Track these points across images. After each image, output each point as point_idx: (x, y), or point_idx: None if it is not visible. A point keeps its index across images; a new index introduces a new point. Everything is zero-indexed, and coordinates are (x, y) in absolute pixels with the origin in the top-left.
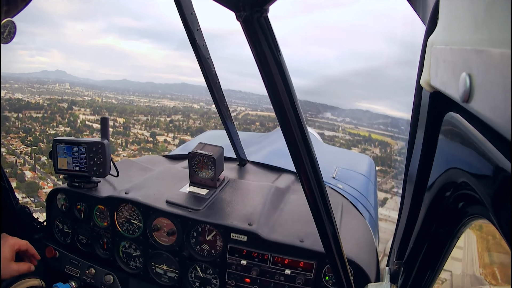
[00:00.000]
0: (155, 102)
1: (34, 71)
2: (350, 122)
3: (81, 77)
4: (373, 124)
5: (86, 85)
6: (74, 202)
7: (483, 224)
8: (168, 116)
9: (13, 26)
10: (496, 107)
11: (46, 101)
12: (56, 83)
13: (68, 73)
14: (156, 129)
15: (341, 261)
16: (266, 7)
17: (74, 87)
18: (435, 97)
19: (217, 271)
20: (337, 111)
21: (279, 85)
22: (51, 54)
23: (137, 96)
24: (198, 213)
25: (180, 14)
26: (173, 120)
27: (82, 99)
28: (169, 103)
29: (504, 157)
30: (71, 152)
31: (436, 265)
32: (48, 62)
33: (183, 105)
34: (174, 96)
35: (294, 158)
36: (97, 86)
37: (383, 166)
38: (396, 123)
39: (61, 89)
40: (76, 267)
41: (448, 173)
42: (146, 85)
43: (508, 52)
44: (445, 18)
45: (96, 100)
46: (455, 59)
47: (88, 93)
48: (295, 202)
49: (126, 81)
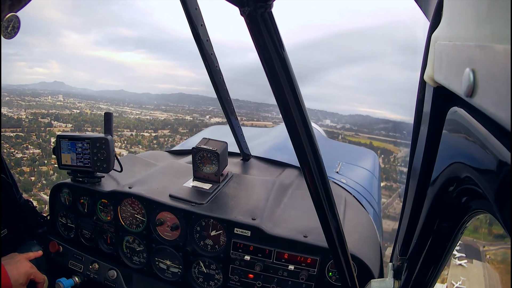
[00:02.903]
0: (147, 114)
1: (33, 82)
2: (350, 129)
3: (79, 88)
4: (374, 130)
5: (83, 96)
6: (78, 196)
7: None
8: (154, 131)
9: (17, 21)
10: (499, 102)
11: (29, 116)
12: (49, 95)
13: (67, 84)
14: (137, 147)
15: (344, 256)
16: (270, 3)
17: (69, 98)
18: (438, 92)
19: (221, 267)
20: (337, 118)
21: (283, 80)
22: (49, 65)
23: (131, 108)
24: (201, 207)
25: (184, 9)
26: (158, 136)
27: (70, 112)
28: (161, 115)
29: (508, 151)
30: (74, 148)
31: (439, 260)
32: (47, 73)
33: (175, 117)
34: (168, 108)
35: (298, 153)
36: (94, 97)
37: (388, 181)
38: (397, 127)
39: (53, 101)
40: (80, 262)
41: (451, 168)
42: (142, 96)
43: (511, 47)
44: (449, 13)
45: (85, 113)
46: (458, 54)
47: (80, 105)
48: (298, 197)
49: (123, 92)
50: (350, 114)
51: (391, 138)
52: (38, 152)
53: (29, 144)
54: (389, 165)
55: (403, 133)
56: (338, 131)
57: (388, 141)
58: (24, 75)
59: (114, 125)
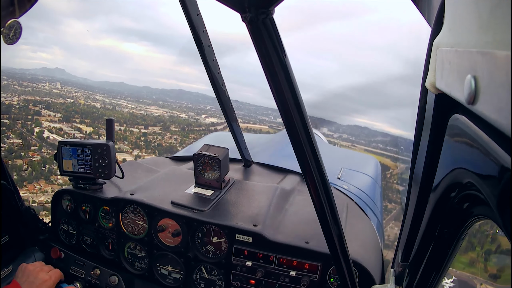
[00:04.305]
0: (142, 109)
1: (35, 67)
2: (347, 139)
3: (79, 77)
4: (371, 142)
5: (81, 85)
6: (79, 203)
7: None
8: (145, 127)
9: (19, 27)
10: (501, 109)
11: (21, 102)
12: (48, 82)
13: (68, 72)
14: (122, 143)
15: (346, 262)
16: (272, 9)
17: (67, 86)
18: (440, 99)
19: (222, 272)
20: (335, 126)
21: (284, 86)
22: (52, 51)
23: (128, 101)
24: (203, 214)
25: (186, 15)
26: (147, 133)
27: (63, 101)
28: (157, 111)
29: (510, 158)
30: (76, 154)
31: (441, 266)
32: (50, 59)
33: (170, 114)
34: (166, 104)
35: (299, 159)
36: (93, 87)
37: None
38: (395, 142)
39: (50, 89)
40: (81, 268)
41: (453, 174)
42: (142, 90)
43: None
44: (451, 20)
45: (78, 103)
46: (460, 61)
47: (76, 94)
48: (300, 203)
49: (124, 84)
50: (348, 124)
51: (388, 152)
52: (18, 142)
53: (11, 133)
54: (385, 182)
55: (401, 148)
56: (335, 140)
57: (385, 155)
58: (27, 59)
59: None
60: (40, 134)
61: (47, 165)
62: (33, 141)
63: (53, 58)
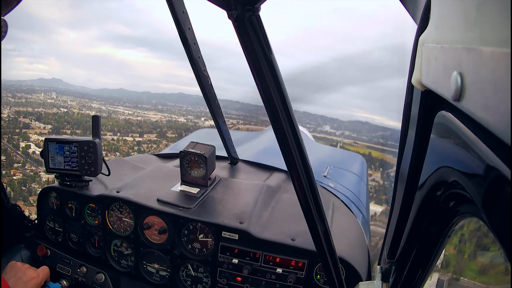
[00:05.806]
0: (140, 114)
1: (31, 78)
2: (349, 136)
3: (77, 86)
4: (372, 138)
5: (79, 94)
6: (66, 200)
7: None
8: (140, 135)
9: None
10: (487, 106)
11: (11, 114)
12: (42, 92)
13: (65, 81)
14: (113, 155)
15: (332, 259)
16: (257, 6)
17: (63, 96)
18: (426, 95)
19: (209, 270)
20: (337, 123)
21: (271, 83)
22: (49, 62)
23: (126, 107)
24: (189, 212)
25: (171, 13)
26: (142, 142)
27: (56, 111)
28: (154, 116)
29: (495, 156)
30: (62, 151)
31: (427, 263)
32: (46, 69)
33: (168, 118)
34: (165, 108)
35: (285, 157)
36: (91, 95)
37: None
38: (396, 135)
39: (45, 99)
40: (68, 265)
41: (439, 172)
42: (142, 95)
43: (499, 50)
44: (437, 16)
45: (71, 113)
46: (446, 57)
47: (72, 103)
48: (286, 200)
49: (123, 90)
50: (349, 120)
51: (389, 147)
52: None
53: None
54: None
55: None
56: (337, 139)
57: (386, 150)
58: (24, 71)
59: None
60: (25, 150)
61: (28, 184)
62: (18, 157)
63: (50, 69)
